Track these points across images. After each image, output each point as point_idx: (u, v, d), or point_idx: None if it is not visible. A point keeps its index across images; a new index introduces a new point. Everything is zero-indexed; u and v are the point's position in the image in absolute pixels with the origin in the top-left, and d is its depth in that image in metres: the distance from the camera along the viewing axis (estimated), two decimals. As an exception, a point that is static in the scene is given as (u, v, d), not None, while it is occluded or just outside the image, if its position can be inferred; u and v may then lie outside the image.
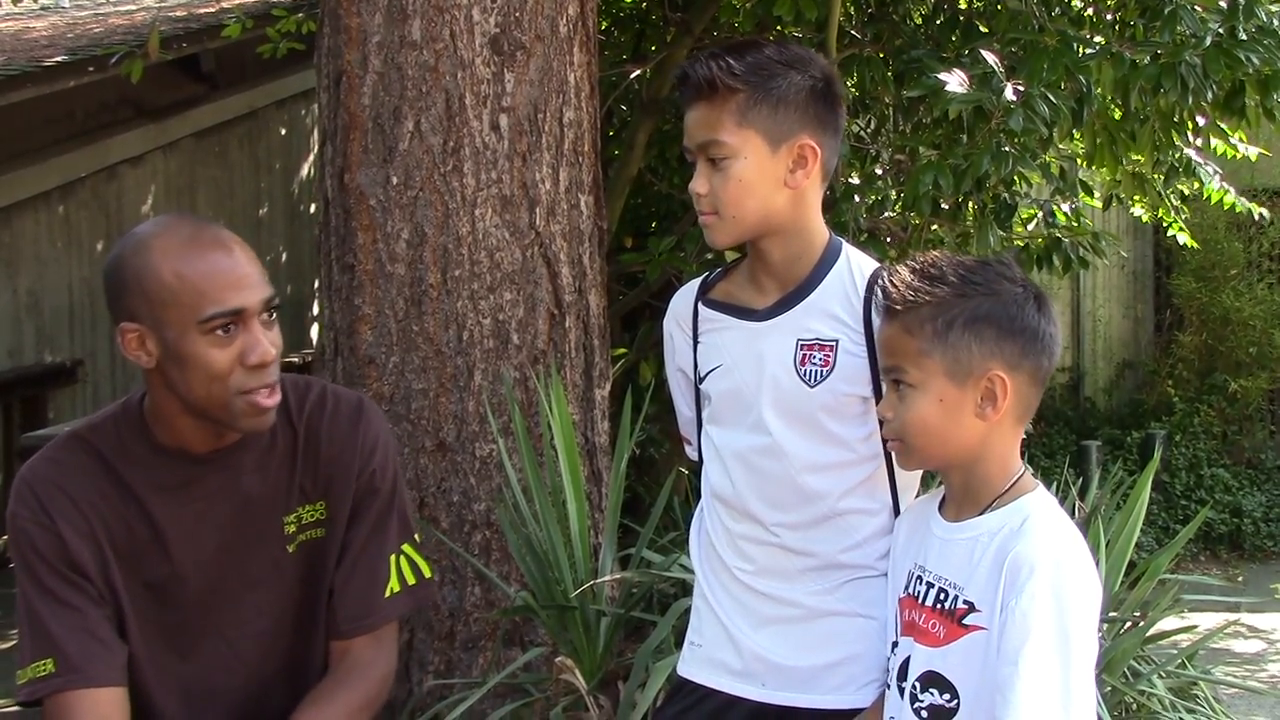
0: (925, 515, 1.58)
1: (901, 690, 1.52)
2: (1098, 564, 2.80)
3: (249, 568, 1.73)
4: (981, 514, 1.48)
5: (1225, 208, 4.88)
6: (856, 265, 1.70)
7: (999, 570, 1.42)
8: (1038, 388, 1.50)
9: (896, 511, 1.69)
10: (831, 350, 1.66)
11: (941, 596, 1.48)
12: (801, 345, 1.68)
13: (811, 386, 1.67)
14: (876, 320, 1.61)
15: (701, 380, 1.80)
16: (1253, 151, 4.57)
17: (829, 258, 1.71)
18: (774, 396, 1.69)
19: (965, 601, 1.45)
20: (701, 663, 1.80)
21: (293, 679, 1.81)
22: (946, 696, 1.46)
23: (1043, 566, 1.39)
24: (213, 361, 1.56)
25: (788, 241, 1.70)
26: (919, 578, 1.53)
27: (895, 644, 1.56)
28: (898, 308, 1.50)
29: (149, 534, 1.66)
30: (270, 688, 1.79)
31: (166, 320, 1.56)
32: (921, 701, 1.48)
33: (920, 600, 1.52)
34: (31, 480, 1.65)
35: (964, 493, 1.52)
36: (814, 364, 1.67)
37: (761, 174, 1.65)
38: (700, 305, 1.81)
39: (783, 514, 1.70)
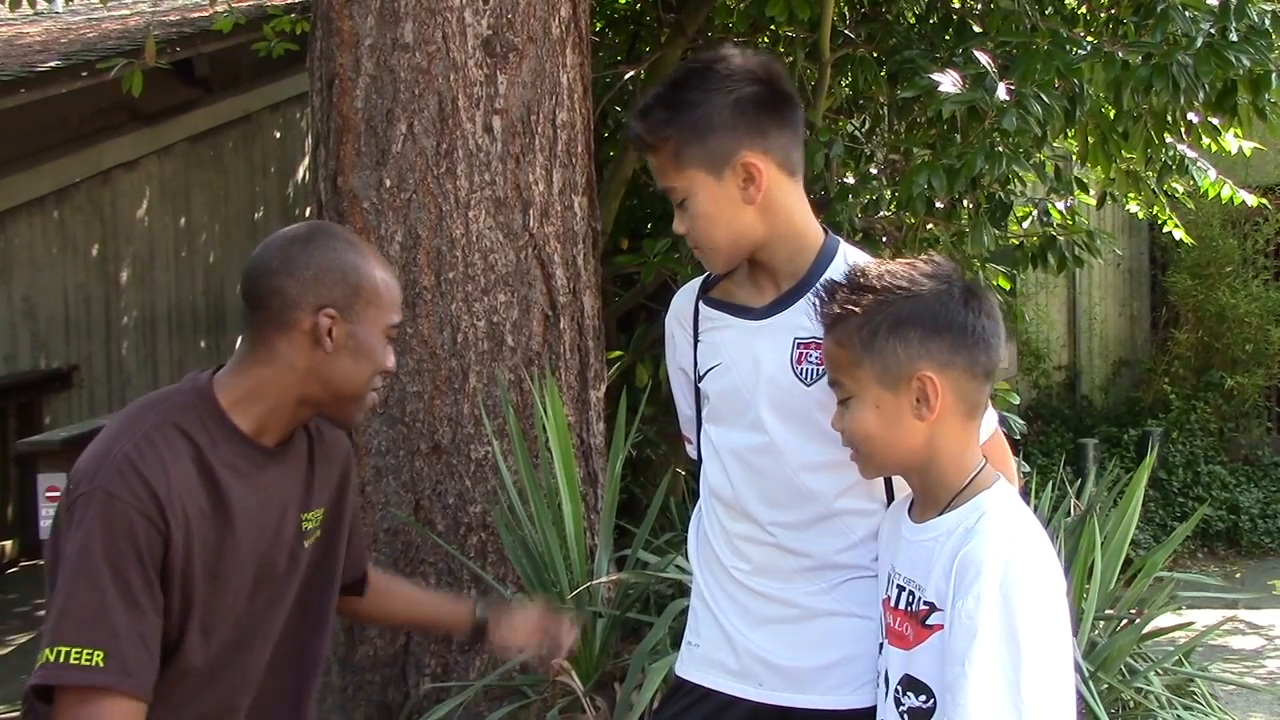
0: (898, 518, 1.59)
1: (888, 693, 1.52)
2: (1094, 561, 2.81)
3: (279, 559, 1.75)
4: (941, 514, 1.49)
5: (1224, 201, 4.89)
6: (853, 263, 1.70)
7: (950, 570, 1.42)
8: (980, 382, 1.49)
9: None
10: None
11: (909, 599, 1.49)
12: (798, 344, 1.68)
13: (807, 385, 1.67)
14: None
15: (701, 379, 1.80)
16: (1247, 146, 4.57)
17: (825, 256, 1.71)
18: (770, 395, 1.69)
19: (926, 602, 1.46)
20: (699, 663, 1.80)
21: (288, 676, 1.83)
22: (923, 698, 1.46)
23: (990, 566, 1.38)
24: (381, 358, 1.73)
25: (778, 245, 1.71)
26: (892, 580, 1.54)
27: (882, 646, 1.57)
28: (827, 322, 1.52)
29: (223, 519, 1.65)
30: (276, 682, 1.81)
31: (365, 316, 1.70)
32: (904, 705, 1.49)
33: (893, 603, 1.53)
34: (141, 466, 1.57)
35: (925, 494, 1.53)
36: (810, 362, 1.67)
37: (717, 204, 1.67)
38: (701, 304, 1.81)
39: (779, 513, 1.70)
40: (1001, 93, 3.26)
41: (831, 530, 1.69)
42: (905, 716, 1.48)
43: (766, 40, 4.68)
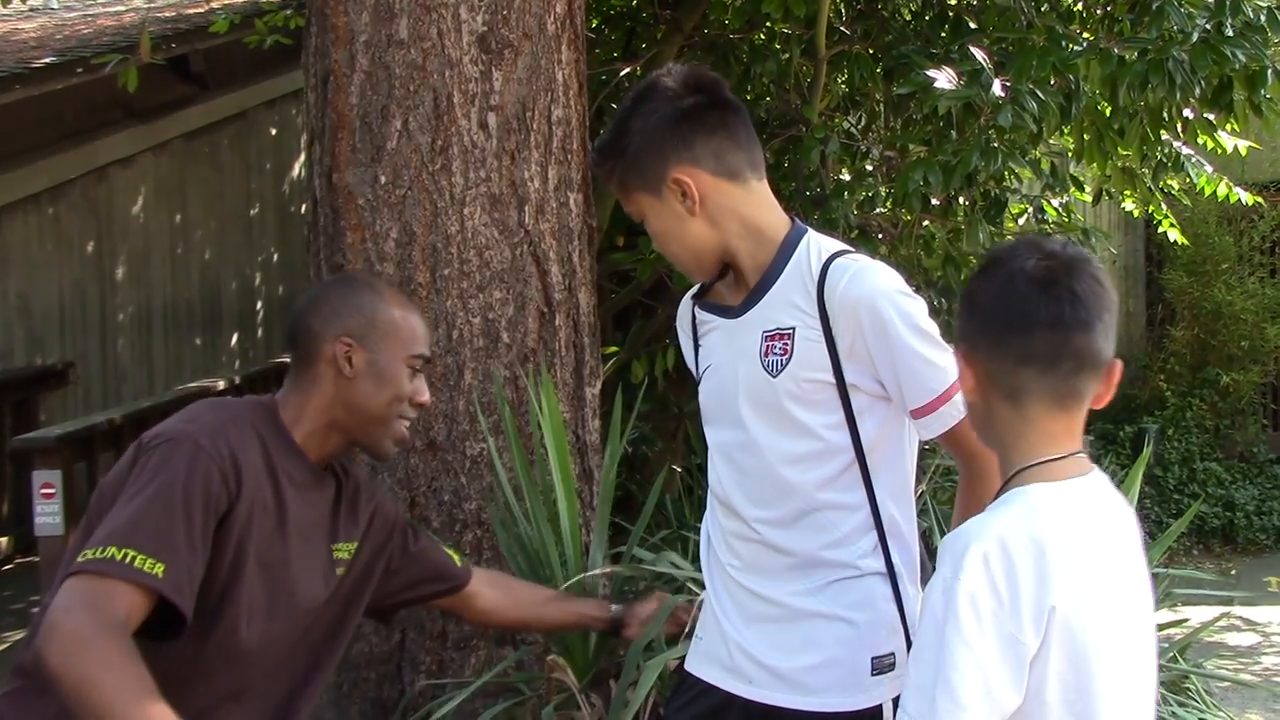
0: None
1: None
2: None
3: (313, 574, 1.89)
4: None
5: (1220, 199, 4.89)
6: (815, 251, 1.71)
7: None
8: (1009, 365, 1.41)
9: (875, 509, 1.69)
10: (789, 338, 1.68)
11: None
12: (766, 337, 1.71)
13: (774, 376, 1.69)
14: (832, 305, 1.65)
15: (699, 381, 1.84)
16: (1242, 145, 4.57)
17: (787, 247, 1.73)
18: (747, 391, 1.72)
19: None
20: (700, 657, 1.83)
21: (284, 683, 1.89)
22: None
23: (947, 560, 1.36)
24: (403, 385, 1.93)
25: (738, 246, 1.74)
26: None
27: None
28: None
29: (278, 519, 1.82)
30: (273, 685, 1.89)
31: (383, 346, 1.92)
32: None
33: None
34: (230, 436, 1.76)
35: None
36: (775, 354, 1.70)
37: (664, 221, 1.75)
38: (696, 308, 1.85)
39: (763, 509, 1.72)
40: (997, 89, 3.26)
41: (814, 526, 1.70)
42: None
43: (762, 37, 4.68)
